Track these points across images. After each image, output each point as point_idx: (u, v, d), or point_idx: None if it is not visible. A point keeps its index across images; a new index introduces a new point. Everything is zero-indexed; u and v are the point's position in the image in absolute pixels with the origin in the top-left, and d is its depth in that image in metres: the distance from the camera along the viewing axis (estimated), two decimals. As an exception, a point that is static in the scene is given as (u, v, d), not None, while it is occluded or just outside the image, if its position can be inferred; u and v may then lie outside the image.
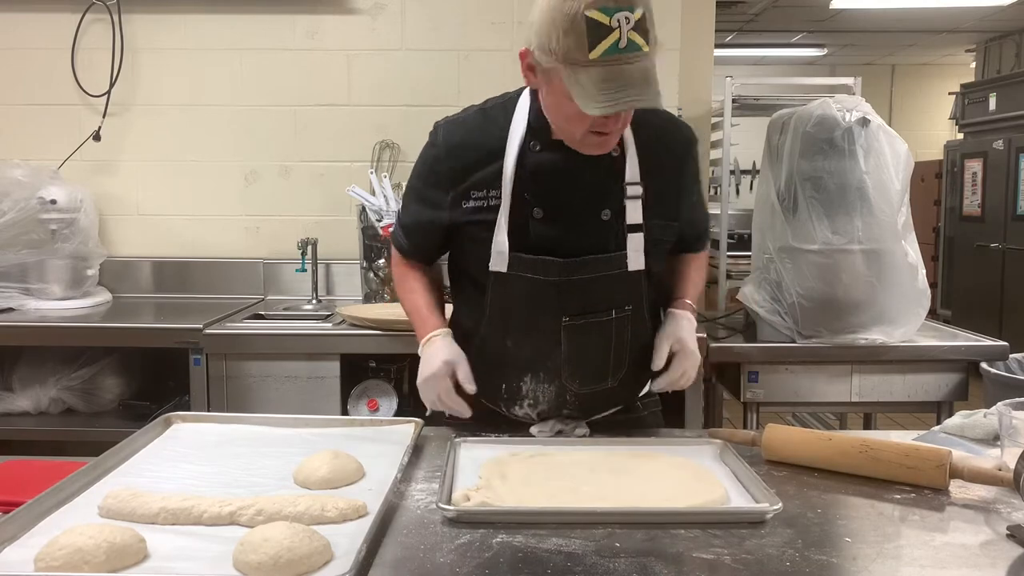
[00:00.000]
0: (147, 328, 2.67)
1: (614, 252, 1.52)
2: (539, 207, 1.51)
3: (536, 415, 1.62)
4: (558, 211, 1.52)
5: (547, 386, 1.59)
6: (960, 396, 2.53)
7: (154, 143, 3.20)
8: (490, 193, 1.52)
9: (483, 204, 1.52)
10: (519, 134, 1.53)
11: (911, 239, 2.45)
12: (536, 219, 1.51)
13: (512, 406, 1.63)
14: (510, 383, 1.61)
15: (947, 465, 1.29)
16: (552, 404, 1.61)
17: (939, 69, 9.49)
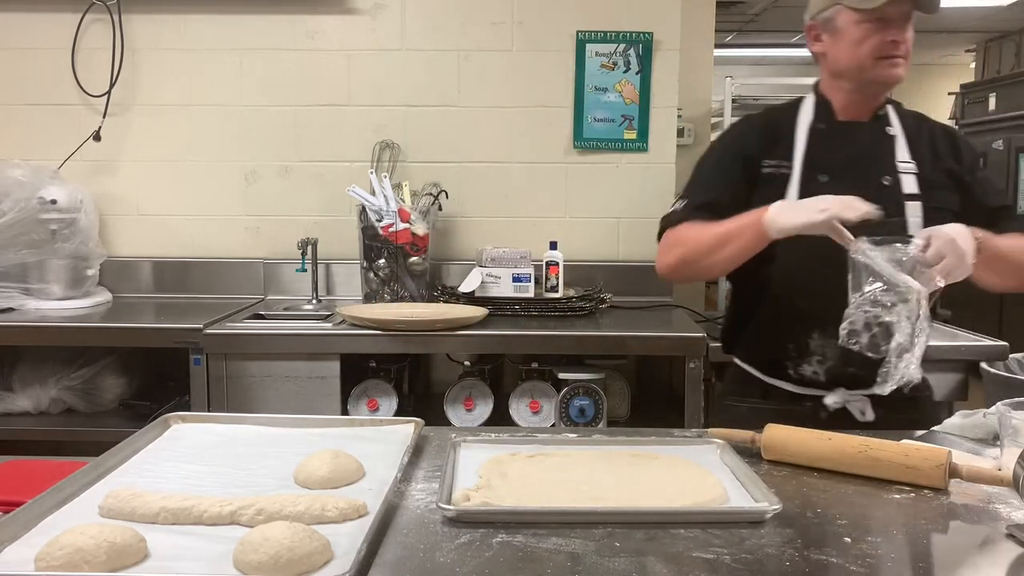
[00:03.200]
0: (147, 328, 2.67)
1: (896, 216, 1.68)
2: (824, 173, 1.72)
3: (824, 372, 1.73)
4: (841, 176, 1.70)
5: (834, 341, 1.63)
6: (960, 396, 2.54)
7: (154, 143, 3.20)
8: (782, 163, 1.75)
9: (775, 171, 1.74)
10: (808, 117, 1.79)
11: (911, 239, 2.44)
12: (822, 183, 1.70)
13: (800, 364, 1.75)
14: (798, 340, 1.74)
15: (947, 465, 1.29)
16: (839, 360, 1.70)
17: (939, 69, 9.49)
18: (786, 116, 1.82)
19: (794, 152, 1.75)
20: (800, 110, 1.81)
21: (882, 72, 1.69)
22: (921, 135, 1.79)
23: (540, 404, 2.66)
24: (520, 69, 3.17)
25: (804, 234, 1.59)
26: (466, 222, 3.21)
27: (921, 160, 1.75)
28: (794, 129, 1.78)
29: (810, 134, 1.77)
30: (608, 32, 3.13)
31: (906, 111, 1.83)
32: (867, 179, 1.71)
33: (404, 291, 2.96)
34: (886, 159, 1.74)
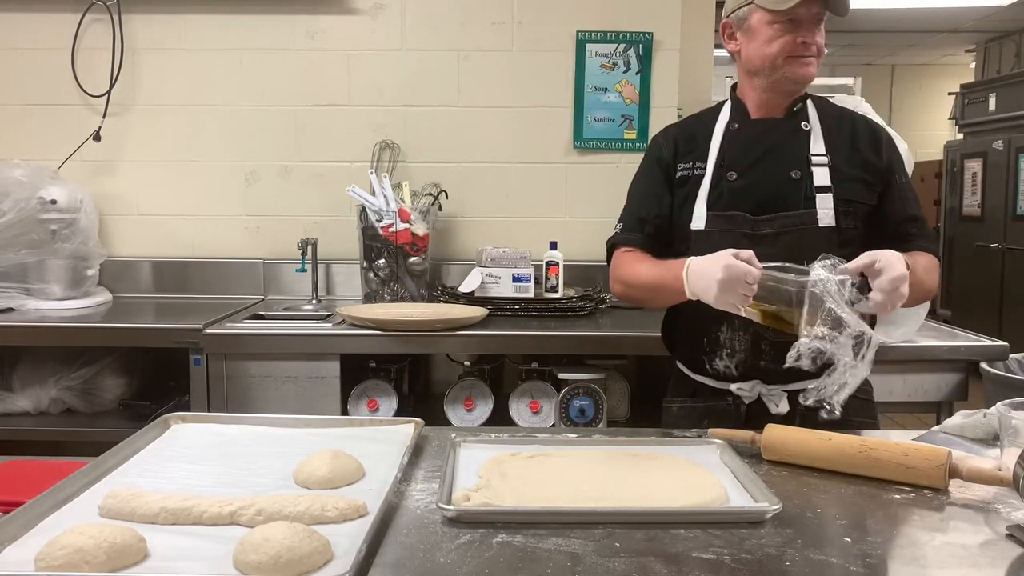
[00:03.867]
0: (147, 328, 2.67)
1: (804, 209, 1.71)
2: (733, 170, 1.76)
3: (735, 367, 1.76)
4: (750, 171, 1.75)
5: (742, 334, 1.74)
6: (960, 396, 2.53)
7: (154, 143, 3.20)
8: (696, 165, 1.80)
9: (688, 174, 1.81)
10: (724, 120, 1.84)
11: (911, 239, 2.44)
12: (730, 181, 1.76)
13: (713, 359, 1.79)
14: (709, 334, 1.77)
15: (947, 465, 1.29)
16: (748, 353, 1.74)
17: (939, 69, 9.49)
18: (704, 120, 1.87)
19: (708, 153, 1.80)
20: (719, 114, 1.85)
21: (793, 70, 1.71)
22: (841, 128, 1.80)
23: (540, 404, 2.66)
24: (520, 69, 3.17)
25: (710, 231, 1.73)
26: (466, 222, 3.21)
27: (835, 151, 1.76)
28: (711, 133, 1.83)
29: (724, 135, 1.81)
30: (608, 32, 3.13)
31: (829, 106, 1.84)
32: (775, 173, 1.74)
33: (404, 291, 2.96)
34: (798, 153, 1.75)
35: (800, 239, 1.69)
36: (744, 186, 1.75)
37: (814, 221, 1.71)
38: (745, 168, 1.76)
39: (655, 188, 1.85)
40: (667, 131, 1.92)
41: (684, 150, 1.84)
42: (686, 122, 1.95)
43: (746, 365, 1.75)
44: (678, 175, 1.82)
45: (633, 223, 1.86)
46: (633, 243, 1.84)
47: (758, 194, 1.74)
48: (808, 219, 1.71)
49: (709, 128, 1.84)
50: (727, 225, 1.73)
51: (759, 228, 1.72)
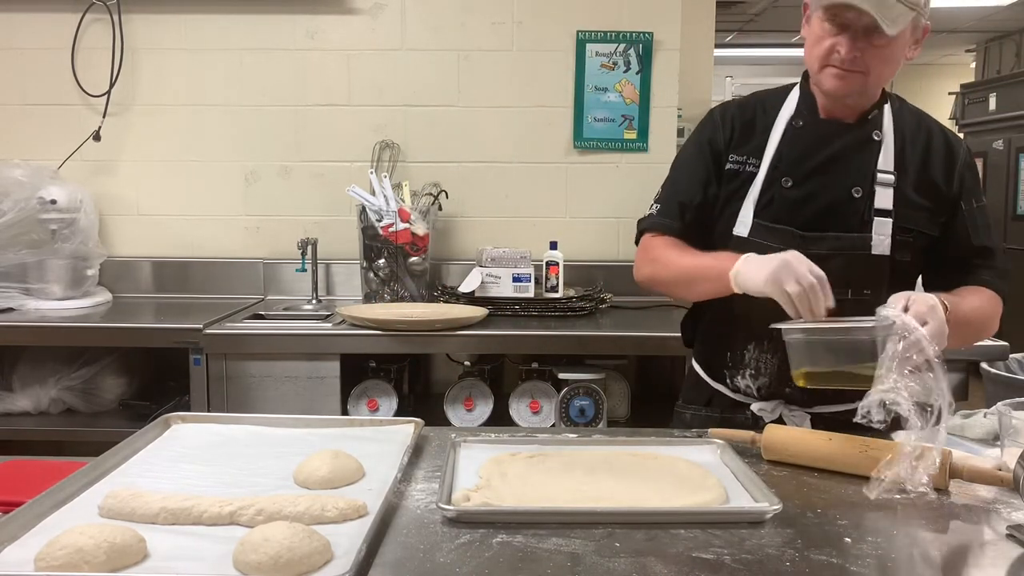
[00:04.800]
0: (147, 328, 2.67)
1: (858, 232, 1.57)
2: (789, 176, 1.60)
3: (757, 388, 1.66)
4: (807, 181, 1.59)
5: (770, 356, 1.62)
6: (960, 396, 2.53)
7: (154, 143, 3.20)
8: (749, 160, 1.63)
9: (740, 169, 1.64)
10: (789, 112, 1.65)
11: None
12: (784, 188, 1.60)
13: (736, 375, 1.68)
14: (735, 351, 1.66)
15: (947, 465, 1.29)
16: (774, 378, 1.63)
17: (939, 69, 9.49)
18: (767, 106, 1.68)
19: (765, 149, 1.63)
20: (785, 101, 1.68)
21: (824, 79, 1.56)
22: (916, 142, 1.63)
23: (540, 404, 2.66)
24: (520, 69, 3.17)
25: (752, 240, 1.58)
26: (466, 222, 3.21)
27: (904, 171, 1.60)
28: (773, 121, 1.65)
29: (786, 131, 1.64)
30: (608, 32, 3.13)
31: (908, 112, 1.68)
32: (834, 187, 1.59)
33: (404, 291, 2.96)
34: (863, 167, 1.59)
35: (849, 266, 1.55)
36: (798, 197, 1.59)
37: (867, 247, 1.57)
38: (802, 176, 1.60)
39: (702, 172, 1.67)
40: (726, 109, 1.72)
41: (740, 139, 1.66)
42: (748, 103, 1.72)
43: (770, 388, 1.65)
44: (728, 167, 1.65)
45: (672, 208, 1.68)
46: (669, 230, 1.67)
47: (812, 208, 1.58)
48: (861, 244, 1.57)
49: (770, 118, 1.66)
50: (772, 238, 1.58)
51: (808, 247, 1.52)
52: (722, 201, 1.65)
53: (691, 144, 1.73)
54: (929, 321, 1.34)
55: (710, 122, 1.71)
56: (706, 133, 1.70)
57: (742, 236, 1.61)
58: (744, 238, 1.61)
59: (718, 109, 1.74)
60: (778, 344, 1.53)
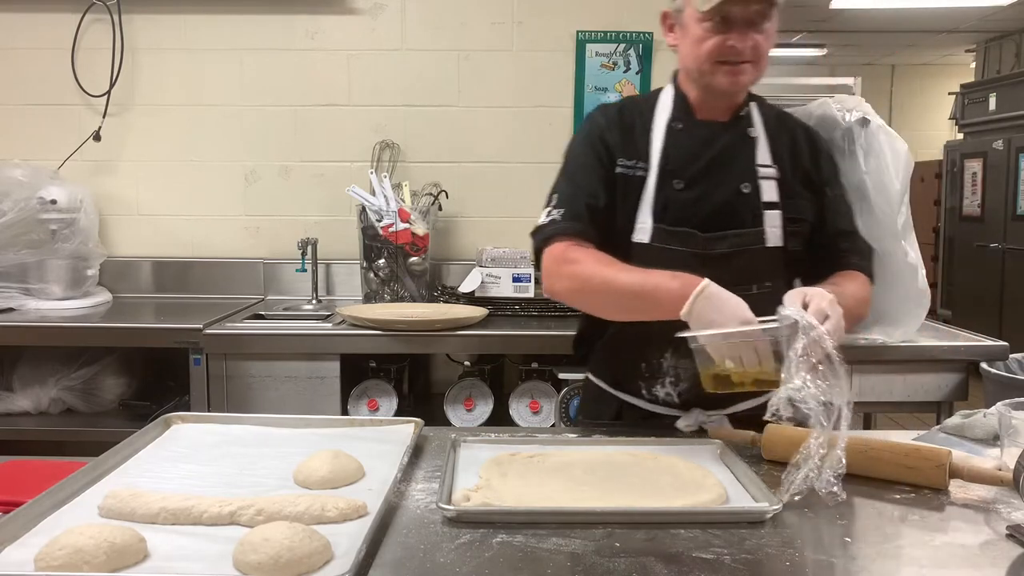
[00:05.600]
0: (147, 328, 2.67)
1: (752, 227, 1.59)
2: (679, 178, 1.59)
3: (677, 395, 1.63)
4: (697, 183, 1.59)
5: (688, 361, 1.56)
6: (960, 396, 2.53)
7: (154, 143, 3.20)
8: (638, 164, 1.62)
9: (631, 173, 1.61)
10: (665, 115, 1.65)
11: (911, 239, 2.44)
12: (677, 190, 1.59)
13: (653, 385, 1.65)
14: (650, 360, 1.63)
15: (947, 465, 1.29)
16: (693, 382, 1.58)
17: (939, 69, 9.49)
18: (642, 110, 1.67)
19: (650, 152, 1.62)
20: (658, 103, 1.68)
21: (720, 79, 1.55)
22: (782, 136, 1.67)
23: (540, 404, 2.66)
24: (520, 69, 3.17)
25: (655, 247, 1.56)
26: (466, 222, 3.21)
27: (782, 164, 1.63)
28: (651, 125, 1.64)
29: (667, 133, 1.63)
30: (608, 32, 3.13)
31: (769, 108, 1.70)
32: (724, 186, 1.60)
33: (404, 291, 2.96)
34: (746, 164, 1.61)
35: (749, 261, 1.58)
36: (691, 198, 1.59)
37: (762, 241, 1.59)
38: (692, 177, 1.59)
39: (601, 171, 1.62)
40: (607, 112, 1.69)
41: (624, 142, 1.63)
42: (624, 107, 1.70)
43: (690, 393, 1.62)
44: (619, 170, 1.62)
45: (579, 211, 1.59)
46: (583, 236, 1.57)
47: (706, 208, 1.59)
48: (756, 238, 1.59)
49: (647, 121, 1.65)
50: (675, 242, 1.57)
51: (709, 247, 1.57)
52: (618, 205, 1.61)
53: (582, 144, 1.67)
54: (830, 316, 1.35)
55: (596, 124, 1.67)
56: (596, 132, 1.65)
57: (643, 243, 1.59)
58: (646, 244, 1.58)
59: (599, 112, 1.70)
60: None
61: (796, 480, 1.23)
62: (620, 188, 1.61)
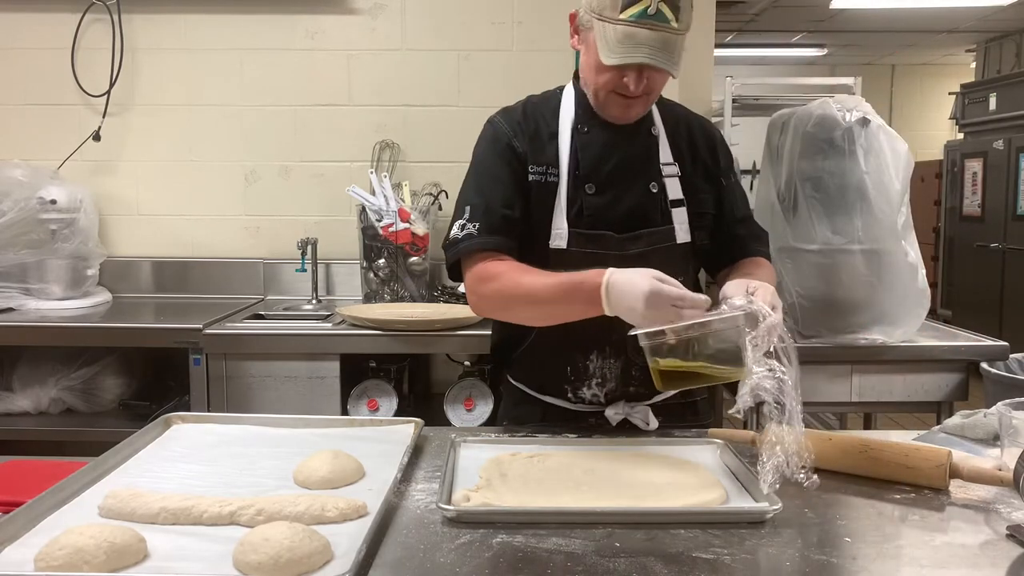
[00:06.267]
0: (147, 328, 2.67)
1: (662, 225, 1.62)
2: (591, 183, 1.60)
3: (604, 395, 1.64)
4: (608, 186, 1.61)
5: (613, 361, 1.61)
6: (960, 396, 2.53)
7: (154, 143, 3.20)
8: (549, 170, 1.62)
9: (542, 180, 1.61)
10: (569, 117, 1.65)
11: (911, 239, 2.45)
12: (589, 194, 1.60)
13: (580, 388, 1.65)
14: (576, 363, 1.63)
15: (947, 465, 1.29)
16: (619, 381, 1.63)
17: (939, 69, 9.50)
18: (544, 113, 1.66)
19: (559, 157, 1.62)
20: (561, 105, 1.67)
21: (612, 109, 1.58)
22: (679, 132, 1.69)
23: (540, 404, 2.66)
24: (520, 69, 3.16)
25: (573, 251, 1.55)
26: (466, 222, 3.20)
27: (682, 160, 1.66)
28: (556, 128, 1.64)
29: (574, 137, 1.62)
30: (608, 32, 3.12)
31: (665, 103, 1.70)
32: (634, 187, 1.61)
33: (404, 291, 2.96)
34: (652, 163, 1.63)
35: (665, 257, 1.57)
36: (604, 202, 1.59)
37: (672, 238, 1.62)
38: (603, 181, 1.60)
39: (512, 180, 1.61)
40: (510, 117, 1.67)
41: (534, 148, 1.63)
42: (526, 110, 1.68)
43: (615, 392, 1.63)
44: (531, 178, 1.61)
45: (495, 222, 1.58)
46: (501, 248, 1.57)
47: (619, 210, 1.60)
48: (667, 235, 1.61)
49: (552, 124, 1.64)
50: (592, 245, 1.58)
51: (625, 247, 1.58)
52: (532, 212, 1.60)
53: (490, 153, 1.66)
54: (776, 305, 1.37)
55: (502, 130, 1.65)
56: (504, 140, 1.64)
57: (560, 248, 1.58)
58: (563, 250, 1.57)
59: (501, 117, 1.68)
60: (619, 348, 1.57)
61: (768, 472, 1.24)
62: (534, 195, 1.61)
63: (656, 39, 1.45)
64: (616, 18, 1.45)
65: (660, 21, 1.44)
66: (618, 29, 1.45)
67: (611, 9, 1.46)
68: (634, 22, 1.44)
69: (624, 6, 1.44)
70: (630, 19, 1.44)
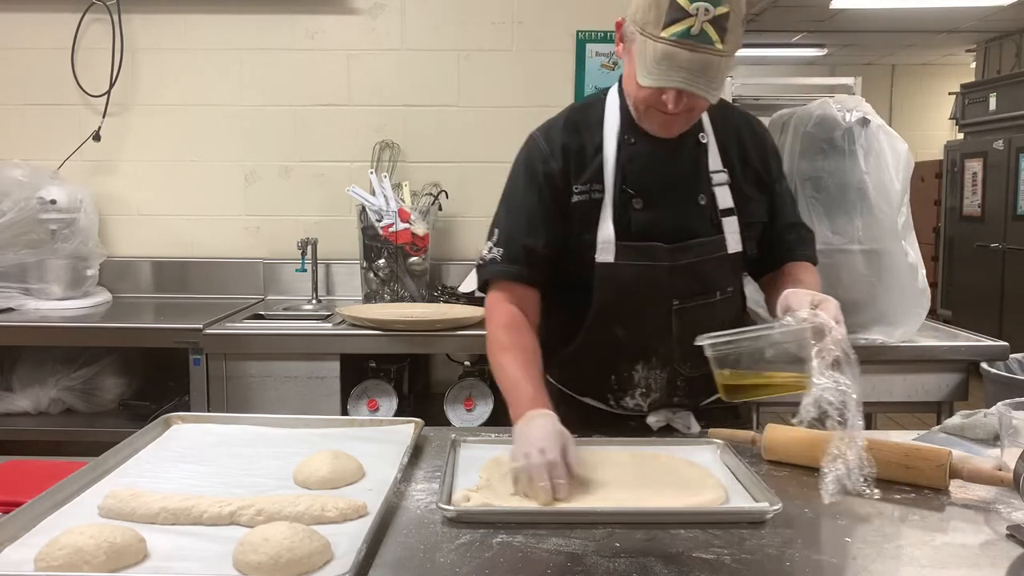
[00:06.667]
0: (147, 328, 2.67)
1: (713, 236, 1.58)
2: (638, 197, 1.56)
3: (647, 405, 1.63)
4: (656, 200, 1.57)
5: (659, 372, 1.61)
6: (960, 396, 2.53)
7: (154, 143, 3.20)
8: (593, 187, 1.57)
9: (587, 198, 1.57)
10: (614, 129, 1.59)
11: (911, 239, 2.44)
12: (636, 209, 1.56)
13: (623, 397, 1.64)
14: (620, 373, 1.62)
15: (947, 465, 1.29)
16: (664, 391, 1.62)
17: (939, 69, 9.49)
18: (590, 124, 1.61)
19: (604, 171, 1.57)
20: (606, 114, 1.61)
21: (652, 124, 1.52)
22: (729, 137, 1.62)
23: (540, 404, 2.66)
24: (520, 69, 3.17)
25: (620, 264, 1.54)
26: (466, 222, 3.21)
27: (732, 167, 1.60)
28: (601, 140, 1.59)
29: (619, 148, 1.57)
30: (608, 32, 3.13)
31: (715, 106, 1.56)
32: (683, 200, 1.57)
33: (404, 291, 2.96)
34: (700, 173, 1.58)
35: (715, 268, 1.58)
36: (653, 216, 1.55)
37: (723, 248, 1.58)
38: (650, 195, 1.56)
39: (542, 210, 1.58)
40: (550, 137, 1.62)
41: (576, 167, 1.58)
42: (569, 125, 1.63)
43: (659, 402, 1.63)
44: (575, 199, 1.57)
45: (517, 252, 1.58)
46: (518, 278, 1.59)
47: (668, 223, 1.56)
48: (718, 246, 1.58)
49: (596, 136, 1.59)
50: (641, 258, 1.55)
51: (675, 258, 1.55)
52: (574, 233, 1.58)
53: (522, 177, 1.63)
54: (840, 319, 1.35)
55: (538, 152, 1.61)
56: (538, 165, 1.60)
57: (607, 262, 1.55)
58: (611, 263, 1.55)
59: (540, 135, 1.64)
60: (666, 359, 1.58)
61: (829, 484, 1.24)
62: (578, 215, 1.57)
63: (696, 62, 1.36)
64: (657, 35, 1.36)
65: (703, 42, 1.35)
66: (658, 48, 1.37)
67: (653, 25, 1.37)
68: (675, 41, 1.35)
69: (667, 23, 1.35)
70: (671, 38, 1.35)
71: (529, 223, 1.59)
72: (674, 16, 1.35)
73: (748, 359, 1.35)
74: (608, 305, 1.58)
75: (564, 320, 1.65)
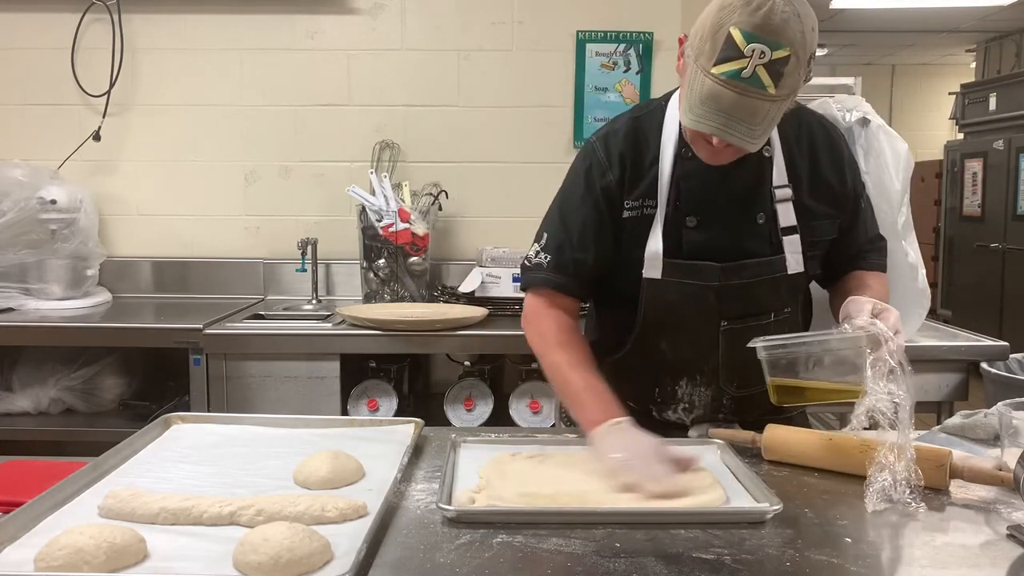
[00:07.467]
0: (147, 328, 2.67)
1: (772, 256, 1.52)
2: (692, 215, 1.51)
3: (691, 420, 1.61)
4: (711, 219, 1.51)
5: (703, 390, 1.58)
6: (960, 396, 2.53)
7: (154, 143, 3.20)
8: (646, 202, 1.52)
9: (638, 213, 1.52)
10: (672, 141, 1.52)
11: (911, 239, 2.44)
12: (689, 227, 1.51)
13: (665, 410, 1.62)
14: (664, 387, 1.60)
15: (947, 465, 1.29)
16: (708, 408, 1.59)
17: (939, 69, 9.49)
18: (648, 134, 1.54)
19: (659, 185, 1.51)
20: (665, 122, 1.53)
21: (699, 151, 1.46)
22: (799, 147, 1.54)
23: (540, 404, 2.66)
24: (520, 69, 3.17)
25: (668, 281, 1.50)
26: (466, 222, 3.21)
27: (799, 181, 1.53)
28: (659, 150, 1.52)
29: (675, 163, 1.51)
30: (608, 32, 3.13)
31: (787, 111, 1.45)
32: (739, 219, 1.51)
33: (404, 291, 2.96)
34: (762, 190, 1.51)
35: (770, 289, 1.53)
36: (706, 235, 1.50)
37: (783, 268, 1.51)
38: (705, 214, 1.50)
39: (596, 221, 1.54)
40: (610, 144, 1.55)
41: (631, 180, 1.52)
42: (629, 132, 1.56)
43: (702, 418, 1.60)
44: (626, 214, 1.53)
45: (566, 262, 1.55)
46: (563, 289, 1.56)
47: (722, 243, 1.51)
48: (777, 266, 1.51)
49: (654, 147, 1.52)
50: (691, 276, 1.50)
51: (728, 278, 1.50)
52: (624, 248, 1.54)
53: (578, 185, 1.57)
54: (899, 329, 1.35)
55: (596, 161, 1.55)
56: (595, 175, 1.54)
57: (654, 279, 1.51)
58: (657, 280, 1.51)
59: (600, 145, 1.56)
60: (711, 376, 1.56)
61: (873, 494, 1.23)
62: (628, 231, 1.53)
63: (742, 107, 1.28)
64: (708, 70, 1.28)
65: (753, 85, 1.27)
66: (705, 84, 1.29)
67: (707, 58, 1.29)
68: (724, 81, 1.27)
69: (719, 60, 1.27)
70: (721, 77, 1.27)
71: (582, 234, 1.54)
72: (727, 54, 1.27)
73: (802, 364, 1.35)
74: (654, 321, 1.55)
75: (611, 330, 1.64)
